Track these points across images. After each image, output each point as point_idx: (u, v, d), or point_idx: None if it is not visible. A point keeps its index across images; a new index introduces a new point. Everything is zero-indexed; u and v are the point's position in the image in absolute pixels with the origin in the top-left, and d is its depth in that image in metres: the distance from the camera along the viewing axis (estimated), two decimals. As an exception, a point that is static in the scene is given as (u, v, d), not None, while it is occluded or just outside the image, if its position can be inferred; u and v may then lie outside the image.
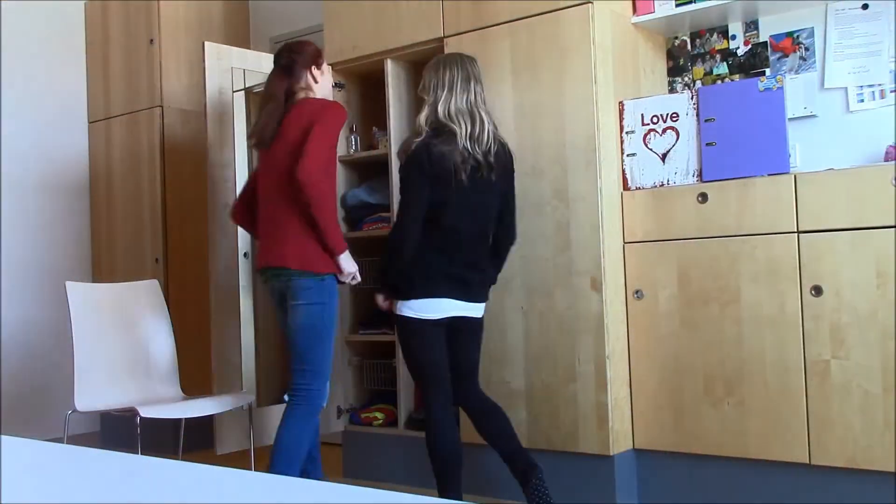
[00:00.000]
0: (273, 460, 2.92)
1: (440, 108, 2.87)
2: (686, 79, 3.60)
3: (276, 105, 3.10)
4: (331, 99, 3.24)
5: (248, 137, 3.27)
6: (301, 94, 3.14)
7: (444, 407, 2.92)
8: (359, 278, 3.13)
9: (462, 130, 2.84)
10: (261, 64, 3.78)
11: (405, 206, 2.85)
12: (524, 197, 3.27)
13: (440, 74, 2.91)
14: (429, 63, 3.00)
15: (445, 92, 2.88)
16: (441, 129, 2.86)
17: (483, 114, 2.90)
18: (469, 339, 3.01)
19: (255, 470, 2.82)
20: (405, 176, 2.87)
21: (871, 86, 3.21)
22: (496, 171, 2.90)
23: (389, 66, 3.72)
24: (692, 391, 3.05)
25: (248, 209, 3.26)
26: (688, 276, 3.06)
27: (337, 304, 3.09)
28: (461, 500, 2.88)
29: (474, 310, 2.96)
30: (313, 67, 3.18)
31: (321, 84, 3.20)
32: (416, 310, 2.87)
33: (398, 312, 2.91)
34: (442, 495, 2.83)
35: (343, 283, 3.11)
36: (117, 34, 4.87)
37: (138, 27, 4.75)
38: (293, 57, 3.16)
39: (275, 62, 3.20)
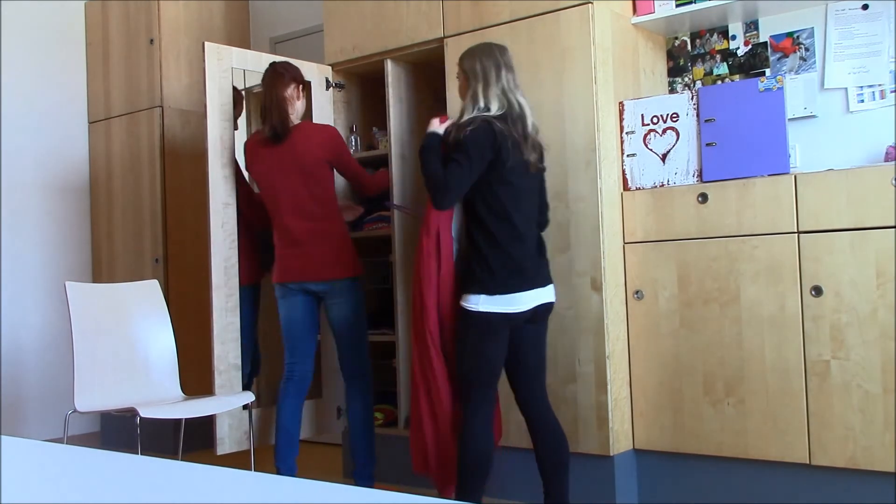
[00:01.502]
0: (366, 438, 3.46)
1: (480, 98, 2.83)
2: (686, 79, 3.60)
3: (283, 108, 3.38)
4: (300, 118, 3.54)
5: (263, 124, 3.43)
6: (289, 109, 3.42)
7: (488, 413, 2.82)
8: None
9: (508, 114, 2.81)
10: (261, 64, 3.77)
11: (466, 163, 2.75)
12: (524, 197, 3.27)
13: (475, 67, 2.87)
14: (462, 56, 2.96)
15: (482, 83, 2.84)
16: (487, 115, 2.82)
17: (520, 98, 2.86)
18: (542, 331, 2.92)
19: (255, 470, 2.82)
20: (463, 145, 2.76)
21: (871, 86, 3.21)
22: (537, 156, 2.87)
23: (389, 66, 3.72)
24: (692, 391, 3.05)
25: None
26: (688, 276, 3.06)
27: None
28: None
29: (551, 293, 2.88)
30: (299, 87, 3.46)
31: (303, 103, 3.52)
32: (502, 304, 2.74)
33: (475, 307, 2.75)
34: (459, 497, 2.80)
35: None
36: (117, 34, 4.87)
37: (138, 27, 4.75)
38: (285, 68, 3.46)
39: (272, 71, 3.45)
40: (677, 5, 3.33)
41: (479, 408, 2.80)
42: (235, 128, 4.06)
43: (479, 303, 2.74)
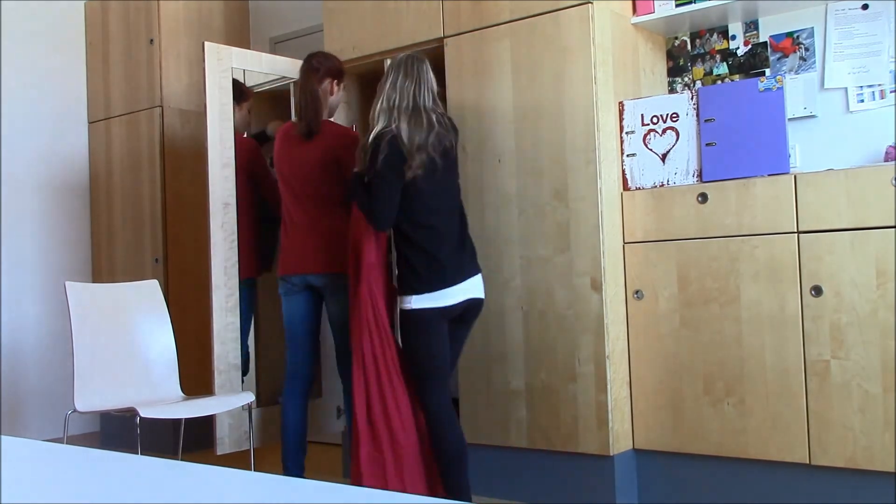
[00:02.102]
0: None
1: (378, 108, 2.95)
2: (686, 79, 3.60)
3: (318, 105, 3.40)
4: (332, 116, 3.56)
5: (298, 120, 3.44)
6: (323, 104, 3.42)
7: (447, 401, 2.94)
8: None
9: (404, 126, 2.89)
10: (261, 64, 3.78)
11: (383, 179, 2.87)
12: (524, 197, 3.27)
13: (384, 79, 3.00)
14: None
15: (387, 91, 2.96)
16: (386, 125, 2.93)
17: (423, 107, 2.93)
18: (466, 332, 3.08)
19: (255, 470, 2.82)
20: (377, 158, 2.87)
21: (871, 86, 3.21)
22: (446, 160, 2.96)
23: (389, 66, 3.72)
24: (692, 391, 3.05)
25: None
26: (688, 276, 3.06)
27: None
28: (470, 500, 2.87)
29: (479, 287, 3.01)
30: (335, 81, 3.47)
31: (336, 97, 3.52)
32: (433, 300, 2.88)
33: (408, 306, 2.91)
34: (449, 495, 2.82)
35: None
36: (117, 34, 4.87)
37: (138, 27, 4.75)
38: (321, 62, 3.45)
39: (307, 66, 3.43)
40: (677, 5, 3.33)
41: (439, 395, 2.92)
42: (248, 124, 4.02)
43: (412, 302, 2.90)
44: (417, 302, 2.89)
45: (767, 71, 3.40)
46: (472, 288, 2.96)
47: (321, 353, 3.86)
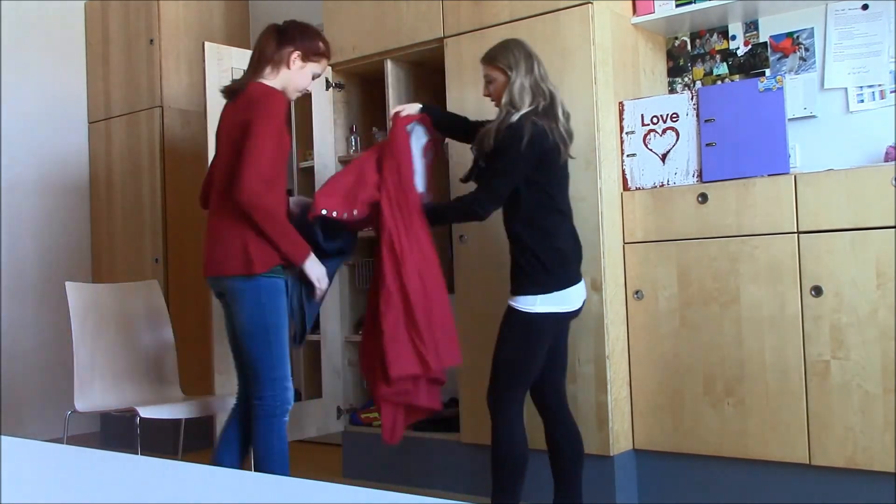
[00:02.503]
0: (258, 470, 2.80)
1: (516, 87, 2.75)
2: (686, 79, 3.60)
3: (258, 61, 2.87)
4: (291, 95, 2.92)
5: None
6: (267, 69, 2.85)
7: (521, 414, 2.80)
8: (325, 283, 2.82)
9: (548, 107, 2.75)
10: (261, 64, 3.77)
11: (505, 175, 2.71)
12: (524, 197, 3.27)
13: (509, 61, 2.80)
14: (492, 53, 2.86)
15: (522, 71, 2.76)
16: (530, 107, 2.75)
17: (552, 88, 2.81)
18: (568, 328, 2.93)
19: (255, 470, 2.81)
20: (511, 149, 2.70)
21: (870, 86, 3.21)
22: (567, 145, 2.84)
23: (389, 67, 3.72)
24: (692, 391, 3.05)
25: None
26: (688, 276, 3.06)
27: (280, 303, 2.75)
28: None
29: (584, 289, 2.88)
30: (296, 53, 2.86)
31: (291, 74, 2.87)
32: (561, 302, 2.71)
33: (530, 309, 2.68)
34: (498, 501, 2.77)
35: (315, 289, 2.82)
36: (117, 34, 4.87)
37: (138, 27, 4.75)
38: (292, 28, 2.94)
39: (272, 27, 2.97)
40: (677, 5, 3.33)
41: (519, 405, 2.77)
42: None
43: (537, 303, 2.69)
44: (543, 304, 2.68)
45: (767, 71, 3.40)
46: (584, 289, 2.84)
47: (321, 353, 3.86)
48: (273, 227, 2.66)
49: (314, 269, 2.78)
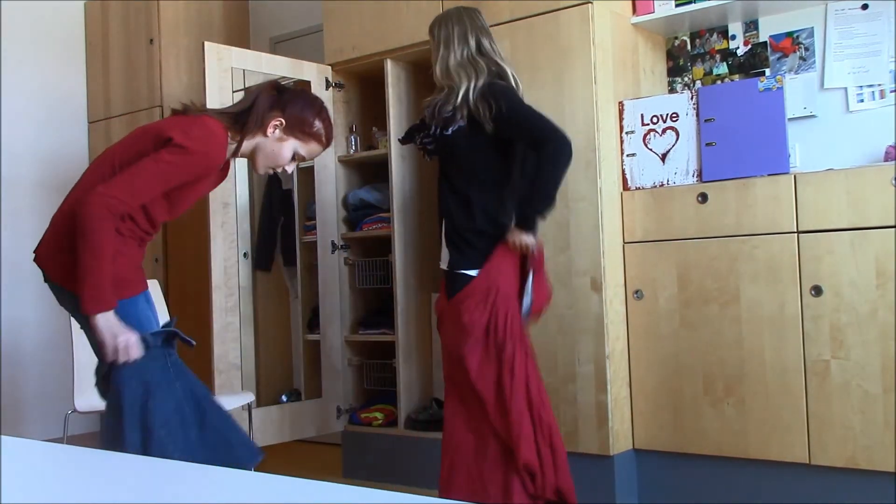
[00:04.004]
0: None
1: (437, 68, 2.80)
2: (686, 79, 3.60)
3: (233, 112, 2.47)
4: (259, 167, 2.52)
5: None
6: (246, 125, 2.41)
7: None
8: (132, 353, 2.23)
9: (464, 85, 2.72)
10: (261, 64, 3.78)
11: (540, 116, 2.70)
12: (524, 197, 3.27)
13: (436, 33, 2.85)
14: (432, 24, 2.91)
15: (442, 50, 2.80)
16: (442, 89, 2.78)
17: (500, 62, 2.79)
18: None
19: (255, 470, 2.82)
20: (520, 101, 2.72)
21: (870, 86, 3.21)
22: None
23: (389, 66, 3.72)
24: (692, 391, 3.05)
25: None
26: (688, 276, 3.06)
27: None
28: None
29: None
30: (279, 121, 2.45)
31: (269, 143, 2.46)
32: None
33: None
34: None
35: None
36: (117, 34, 4.87)
37: (138, 27, 4.75)
38: (289, 95, 2.53)
39: (280, 85, 2.60)
40: (677, 5, 3.33)
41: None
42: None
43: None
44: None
45: (767, 71, 3.40)
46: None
47: (321, 353, 3.86)
48: (85, 244, 2.18)
49: (107, 332, 2.21)
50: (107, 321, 2.21)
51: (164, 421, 2.21)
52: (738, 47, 3.48)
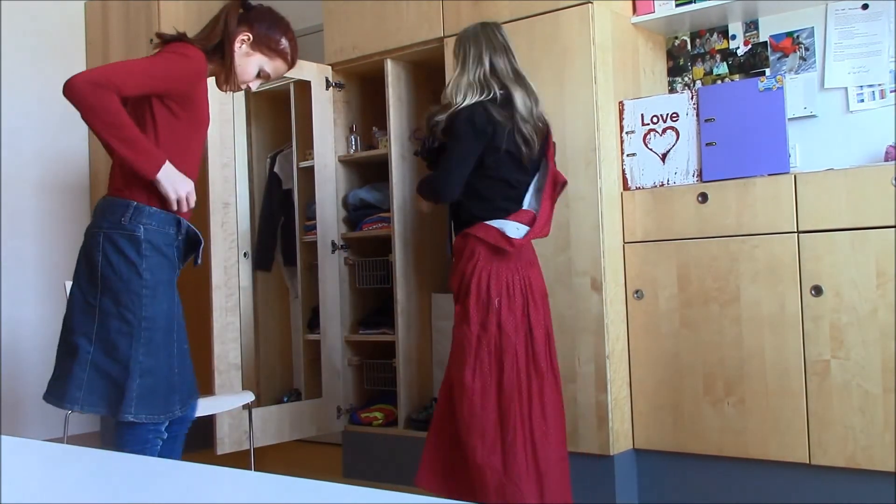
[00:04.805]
0: None
1: (448, 87, 2.84)
2: (686, 79, 3.60)
3: (202, 34, 2.56)
4: (223, 85, 2.56)
5: None
6: (213, 43, 2.49)
7: None
8: (192, 201, 2.44)
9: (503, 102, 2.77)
10: (261, 64, 3.77)
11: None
12: (524, 197, 3.27)
13: (456, 53, 2.89)
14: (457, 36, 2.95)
15: (458, 70, 2.83)
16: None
17: (509, 84, 2.79)
18: None
19: (255, 470, 2.82)
20: (451, 146, 2.75)
21: (871, 86, 3.21)
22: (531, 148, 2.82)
23: (389, 66, 3.72)
24: (692, 391, 3.05)
25: None
26: (688, 276, 3.06)
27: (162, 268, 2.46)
28: None
29: None
30: (246, 35, 2.50)
31: (235, 58, 2.50)
32: None
33: None
34: None
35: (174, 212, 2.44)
36: (117, 34, 4.87)
37: (138, 27, 4.75)
38: (255, 13, 2.57)
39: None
40: (677, 5, 3.33)
41: None
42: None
43: None
44: None
45: (767, 71, 3.40)
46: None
47: (321, 353, 3.86)
48: (100, 122, 2.30)
49: (171, 185, 2.38)
50: (167, 176, 2.34)
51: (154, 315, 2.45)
52: (738, 47, 3.48)
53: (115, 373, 2.39)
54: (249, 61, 2.53)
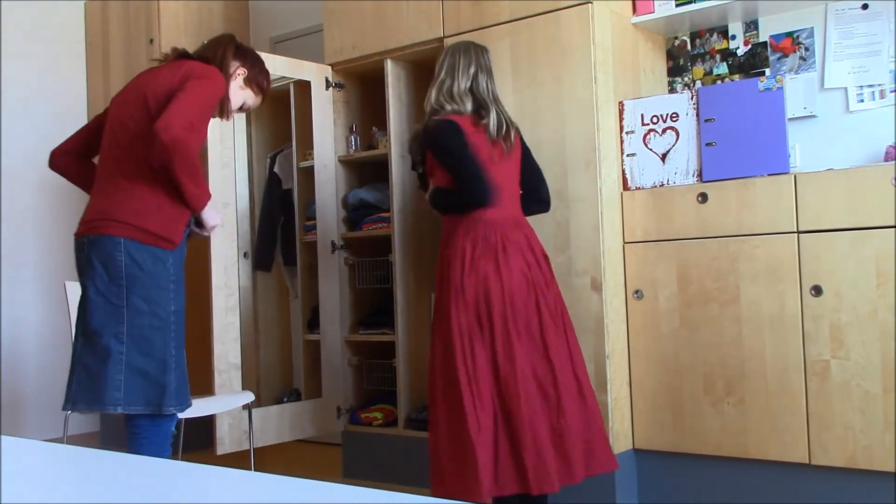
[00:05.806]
0: None
1: (433, 91, 2.89)
2: (686, 79, 3.60)
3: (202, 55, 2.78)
4: (229, 115, 2.88)
5: None
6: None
7: None
8: (219, 221, 2.78)
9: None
10: (261, 64, 3.78)
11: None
12: (524, 197, 3.27)
13: (445, 59, 2.93)
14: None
15: (444, 75, 2.89)
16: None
17: (483, 97, 2.87)
18: None
19: (255, 470, 2.82)
20: (446, 144, 2.80)
21: (870, 86, 3.21)
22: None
23: (389, 66, 3.72)
24: (692, 391, 3.05)
25: (79, 159, 3.05)
26: (688, 276, 3.06)
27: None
28: None
29: None
30: (242, 70, 2.82)
31: (231, 91, 2.80)
32: None
33: None
34: None
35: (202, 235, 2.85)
36: (117, 34, 4.87)
37: (138, 27, 4.75)
38: (250, 54, 2.87)
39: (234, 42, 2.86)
40: (677, 5, 3.33)
41: None
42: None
43: None
44: None
45: (767, 71, 3.40)
46: None
47: (321, 353, 3.86)
48: (188, 168, 2.50)
49: (212, 216, 2.74)
50: (212, 207, 2.68)
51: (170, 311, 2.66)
52: (738, 47, 3.48)
53: (151, 369, 2.50)
54: (238, 94, 2.83)
